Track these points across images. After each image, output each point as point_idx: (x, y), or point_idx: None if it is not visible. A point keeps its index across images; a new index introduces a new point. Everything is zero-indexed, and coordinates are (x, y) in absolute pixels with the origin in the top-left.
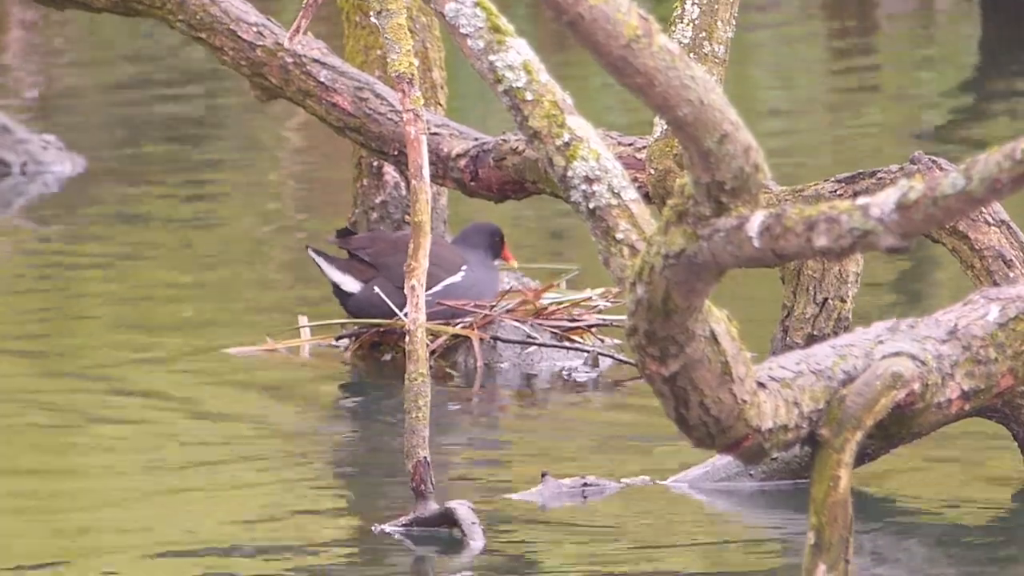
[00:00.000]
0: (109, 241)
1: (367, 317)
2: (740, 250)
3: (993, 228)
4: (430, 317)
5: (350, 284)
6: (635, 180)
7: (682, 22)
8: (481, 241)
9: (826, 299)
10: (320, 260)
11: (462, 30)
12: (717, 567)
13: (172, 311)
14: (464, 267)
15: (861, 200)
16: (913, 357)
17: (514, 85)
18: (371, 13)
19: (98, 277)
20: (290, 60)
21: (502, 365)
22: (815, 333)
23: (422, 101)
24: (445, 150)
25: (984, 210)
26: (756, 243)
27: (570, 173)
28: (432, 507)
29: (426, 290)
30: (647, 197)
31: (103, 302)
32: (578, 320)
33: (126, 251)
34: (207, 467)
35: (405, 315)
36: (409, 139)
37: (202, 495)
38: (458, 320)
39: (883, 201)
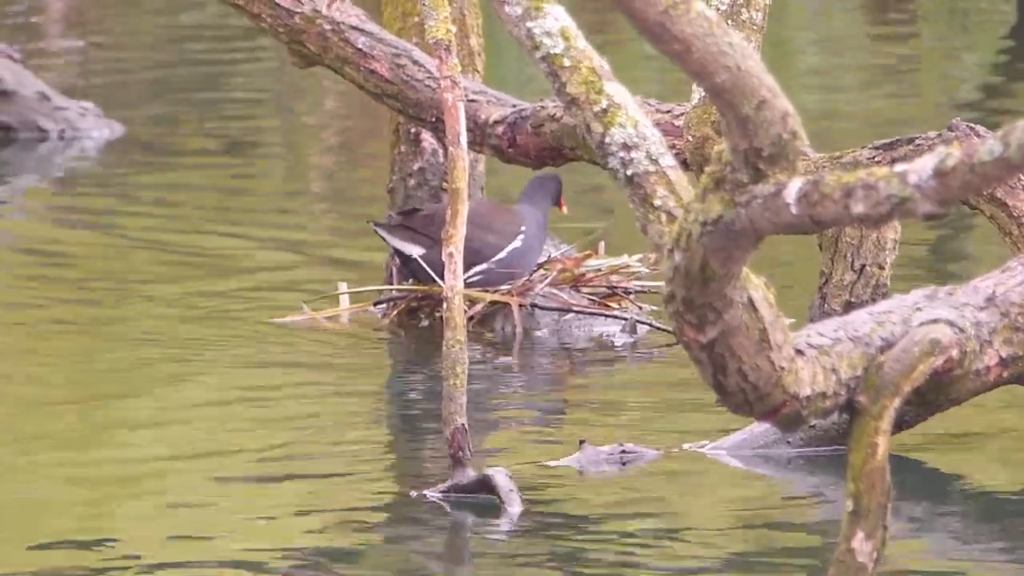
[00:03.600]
0: (146, 207)
1: (431, 280)
2: (778, 217)
3: None
4: (489, 284)
5: (414, 250)
6: (673, 147)
7: None
8: (543, 194)
9: (864, 266)
10: (382, 232)
11: None
12: (755, 534)
13: (210, 278)
14: (523, 228)
15: (899, 167)
16: (951, 324)
17: (552, 51)
18: None
19: (136, 243)
20: (328, 27)
21: (540, 332)
22: (853, 300)
23: (459, 68)
24: (483, 117)
25: (1022, 177)
26: (794, 210)
27: (608, 140)
28: (470, 474)
29: (490, 259)
30: (685, 164)
31: (140, 268)
32: (616, 287)
33: (164, 217)
34: (244, 433)
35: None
36: (447, 106)
37: (238, 460)
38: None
39: (921, 168)
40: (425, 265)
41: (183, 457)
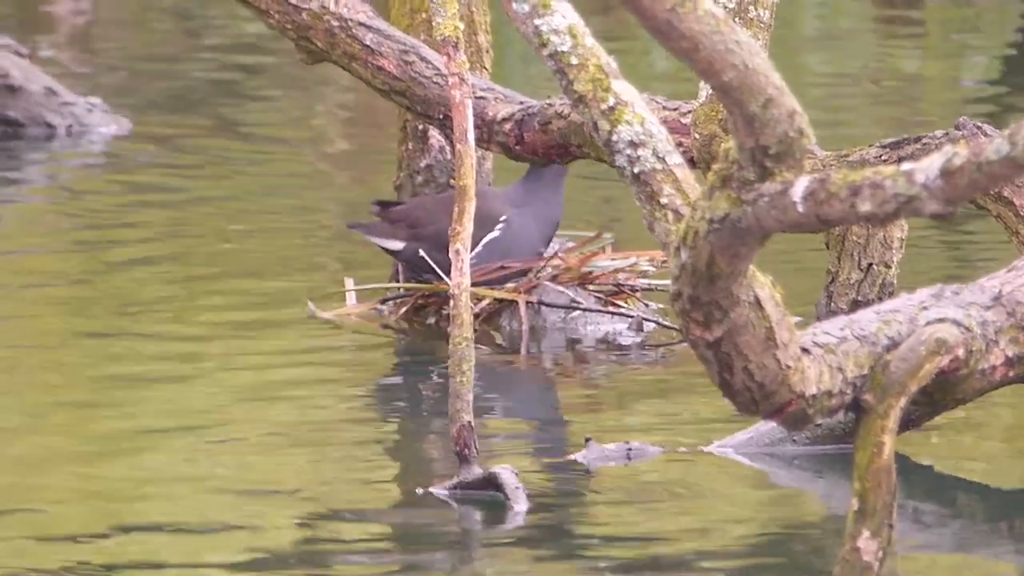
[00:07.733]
0: (154, 204)
1: (418, 269)
2: (784, 215)
3: None
4: (476, 279)
5: (394, 244)
6: (680, 145)
7: None
8: (550, 179)
9: (871, 265)
10: (361, 232)
11: None
12: (760, 532)
13: (218, 274)
14: (503, 219)
15: (906, 166)
16: (957, 323)
17: (559, 49)
18: None
19: (143, 240)
20: (336, 23)
21: (547, 329)
22: (859, 299)
23: (467, 65)
24: (490, 114)
25: None
26: (800, 208)
27: (615, 137)
28: (476, 471)
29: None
30: (692, 162)
31: (148, 265)
32: (623, 285)
33: (172, 214)
34: (247, 428)
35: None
36: (454, 103)
37: (241, 456)
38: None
39: (928, 167)
40: (431, 261)
41: (186, 451)
